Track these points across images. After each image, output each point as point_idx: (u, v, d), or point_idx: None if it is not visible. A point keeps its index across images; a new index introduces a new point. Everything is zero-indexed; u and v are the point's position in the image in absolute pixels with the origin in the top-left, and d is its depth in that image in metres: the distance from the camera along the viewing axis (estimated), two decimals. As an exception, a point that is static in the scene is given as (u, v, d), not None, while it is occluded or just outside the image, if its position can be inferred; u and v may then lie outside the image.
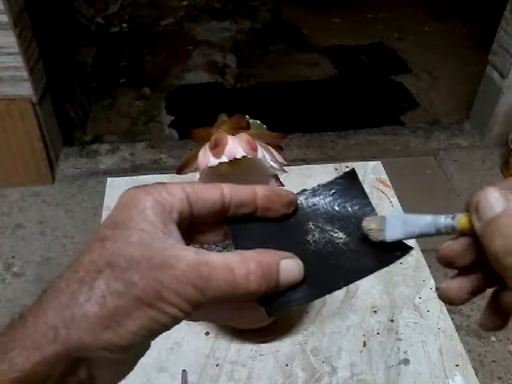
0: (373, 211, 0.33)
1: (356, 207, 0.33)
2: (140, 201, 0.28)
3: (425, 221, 0.29)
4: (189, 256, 0.27)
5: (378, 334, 0.71)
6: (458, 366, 0.68)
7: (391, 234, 0.30)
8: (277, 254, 0.29)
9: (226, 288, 0.27)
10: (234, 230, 0.32)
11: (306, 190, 0.33)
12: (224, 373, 0.67)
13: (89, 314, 0.25)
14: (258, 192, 0.31)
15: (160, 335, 0.29)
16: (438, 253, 0.29)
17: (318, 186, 0.34)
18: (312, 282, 0.30)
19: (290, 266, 0.29)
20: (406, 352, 0.69)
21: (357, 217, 0.32)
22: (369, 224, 0.31)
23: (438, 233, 0.29)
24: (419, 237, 0.30)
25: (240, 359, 0.68)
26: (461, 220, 0.28)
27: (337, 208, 0.33)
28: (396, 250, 0.31)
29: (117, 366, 0.29)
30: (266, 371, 0.67)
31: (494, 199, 0.26)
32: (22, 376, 0.25)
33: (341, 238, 0.32)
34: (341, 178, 0.34)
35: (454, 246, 0.29)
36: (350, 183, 0.34)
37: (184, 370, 0.66)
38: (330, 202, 0.33)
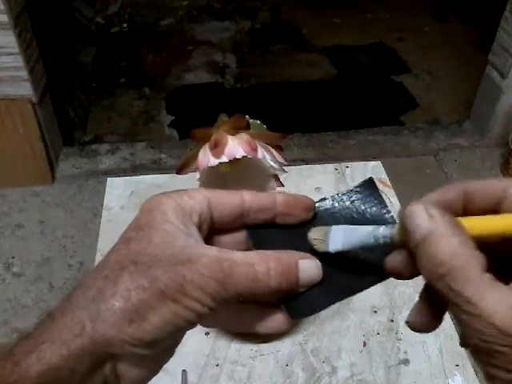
0: (392, 219, 0.33)
1: (375, 215, 0.33)
2: (162, 204, 0.29)
3: (365, 231, 0.29)
4: (211, 252, 0.28)
5: (378, 334, 0.71)
6: (458, 366, 0.68)
7: (334, 245, 0.30)
8: (296, 253, 0.30)
9: (247, 283, 0.27)
10: (255, 235, 0.32)
11: (325, 198, 0.34)
12: (224, 373, 0.67)
13: (114, 309, 0.26)
14: (277, 198, 0.32)
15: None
16: (384, 266, 0.29)
17: (337, 194, 0.34)
18: (332, 286, 0.31)
19: (308, 266, 0.30)
20: (406, 352, 0.69)
21: (376, 224, 0.33)
22: (313, 234, 0.31)
23: (378, 243, 0.29)
24: (362, 248, 0.30)
25: (240, 359, 0.68)
26: (399, 231, 0.28)
27: (355, 216, 0.33)
28: None
29: (141, 366, 0.29)
30: (266, 371, 0.67)
31: (418, 219, 0.25)
32: (48, 369, 0.26)
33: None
34: (359, 186, 0.34)
35: (398, 257, 0.29)
36: (368, 191, 0.34)
37: (184, 370, 0.66)
38: (348, 209, 0.33)
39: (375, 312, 0.73)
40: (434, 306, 0.28)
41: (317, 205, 0.33)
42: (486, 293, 0.23)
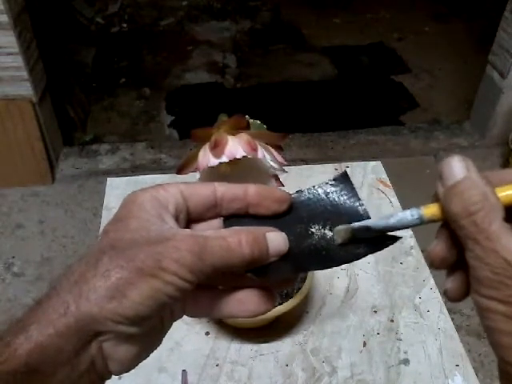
0: (365, 211, 0.34)
1: (349, 207, 0.35)
2: (138, 197, 0.32)
3: (392, 216, 0.31)
4: (185, 231, 0.31)
5: (378, 334, 0.71)
6: (458, 366, 0.68)
7: (363, 222, 0.32)
8: (262, 228, 0.32)
9: (221, 253, 0.29)
10: (230, 224, 0.34)
11: (301, 190, 0.35)
12: (224, 373, 0.67)
13: (95, 288, 0.28)
14: (248, 188, 0.34)
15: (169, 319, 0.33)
16: (430, 257, 0.30)
17: (313, 186, 0.36)
18: (298, 263, 0.33)
19: (275, 237, 0.32)
20: (406, 352, 0.69)
21: (349, 216, 0.34)
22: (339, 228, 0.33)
23: (405, 222, 0.30)
24: (389, 228, 0.31)
25: (240, 359, 0.68)
26: (425, 208, 0.30)
27: (330, 208, 0.35)
28: (385, 241, 0.33)
29: (128, 347, 0.30)
30: (266, 371, 0.67)
31: (456, 168, 0.28)
32: (36, 347, 0.27)
33: (333, 236, 0.34)
34: (334, 179, 0.36)
35: (440, 243, 0.30)
36: (343, 185, 0.36)
37: (184, 370, 0.66)
38: (323, 201, 0.35)
39: (375, 312, 0.73)
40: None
41: (293, 196, 0.35)
42: (505, 235, 0.26)
